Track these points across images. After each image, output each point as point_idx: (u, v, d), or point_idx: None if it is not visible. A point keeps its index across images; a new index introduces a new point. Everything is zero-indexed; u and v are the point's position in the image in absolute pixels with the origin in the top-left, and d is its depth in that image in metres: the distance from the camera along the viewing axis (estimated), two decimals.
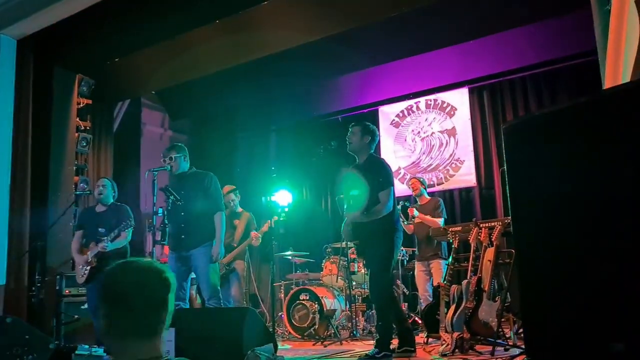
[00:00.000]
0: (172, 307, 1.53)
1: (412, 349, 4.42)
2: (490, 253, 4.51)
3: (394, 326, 4.52)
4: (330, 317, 6.33)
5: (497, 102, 8.10)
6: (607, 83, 2.98)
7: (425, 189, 6.67)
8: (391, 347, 4.37)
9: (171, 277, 1.53)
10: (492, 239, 4.56)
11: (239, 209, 6.35)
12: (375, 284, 4.43)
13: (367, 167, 4.52)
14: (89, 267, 5.14)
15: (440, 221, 6.22)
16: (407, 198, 7.26)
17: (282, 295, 7.15)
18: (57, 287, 6.12)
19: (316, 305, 6.37)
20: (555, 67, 7.39)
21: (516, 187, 1.61)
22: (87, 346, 4.69)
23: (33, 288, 6.03)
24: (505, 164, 1.80)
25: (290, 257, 7.42)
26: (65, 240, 6.81)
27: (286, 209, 7.55)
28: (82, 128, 7.45)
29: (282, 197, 7.69)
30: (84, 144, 7.41)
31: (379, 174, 4.39)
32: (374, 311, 6.37)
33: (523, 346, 4.09)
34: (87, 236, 5.30)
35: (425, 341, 5.05)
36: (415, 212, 6.33)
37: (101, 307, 1.46)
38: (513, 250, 4.48)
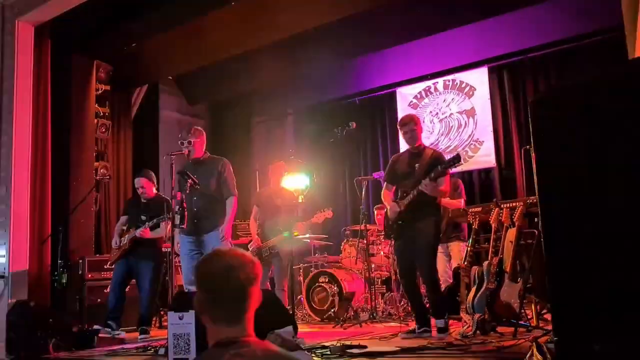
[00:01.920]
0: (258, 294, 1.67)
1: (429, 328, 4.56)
2: (511, 234, 4.45)
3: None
4: (350, 299, 6.32)
5: (517, 81, 7.93)
6: (638, 52, 2.88)
7: None
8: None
9: (258, 269, 1.65)
10: (514, 219, 4.49)
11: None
12: (427, 259, 4.52)
13: (426, 154, 4.65)
14: (121, 249, 5.59)
15: (461, 202, 6.14)
16: None
17: (302, 278, 7.15)
18: (80, 271, 6.24)
19: (335, 288, 6.37)
20: (578, 44, 7.16)
21: (544, 161, 1.54)
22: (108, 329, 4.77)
23: (55, 272, 6.16)
24: (532, 143, 1.73)
25: (309, 240, 7.40)
26: (86, 225, 6.91)
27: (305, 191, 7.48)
28: (101, 114, 7.53)
29: (300, 181, 7.64)
30: (103, 130, 7.50)
31: (439, 162, 4.52)
32: (393, 293, 6.36)
33: (546, 328, 4.05)
34: (131, 222, 5.72)
35: None
36: None
37: (197, 290, 1.65)
38: (535, 231, 4.41)
